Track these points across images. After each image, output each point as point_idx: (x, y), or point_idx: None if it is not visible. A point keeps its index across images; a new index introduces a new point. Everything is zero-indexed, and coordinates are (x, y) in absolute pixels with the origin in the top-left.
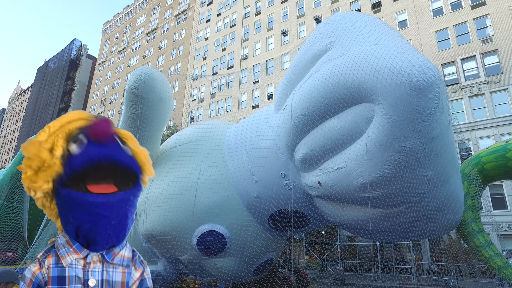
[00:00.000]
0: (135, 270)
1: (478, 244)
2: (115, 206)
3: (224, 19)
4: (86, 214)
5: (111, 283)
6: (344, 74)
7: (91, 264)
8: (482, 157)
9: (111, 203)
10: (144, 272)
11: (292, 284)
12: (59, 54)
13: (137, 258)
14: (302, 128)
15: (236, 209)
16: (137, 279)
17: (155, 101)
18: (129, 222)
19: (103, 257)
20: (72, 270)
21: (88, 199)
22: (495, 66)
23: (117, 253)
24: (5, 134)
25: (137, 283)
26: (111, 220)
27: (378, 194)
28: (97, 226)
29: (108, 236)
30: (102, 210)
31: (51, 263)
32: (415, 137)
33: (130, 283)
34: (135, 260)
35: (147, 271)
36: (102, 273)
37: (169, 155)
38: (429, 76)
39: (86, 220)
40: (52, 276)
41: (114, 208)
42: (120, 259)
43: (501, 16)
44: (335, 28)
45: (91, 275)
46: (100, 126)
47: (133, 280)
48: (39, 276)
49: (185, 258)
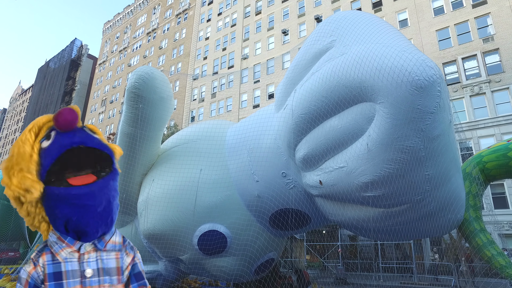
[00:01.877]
0: (126, 256)
1: (480, 243)
2: (97, 193)
3: (225, 18)
4: (72, 207)
5: (107, 270)
6: (345, 73)
7: (85, 255)
8: (483, 156)
9: (93, 192)
10: (135, 257)
11: (293, 283)
12: (60, 54)
13: (127, 244)
14: (303, 127)
15: (237, 208)
16: (129, 264)
17: (156, 100)
18: (114, 207)
19: (96, 245)
20: (68, 265)
21: (71, 192)
22: (496, 65)
23: (109, 240)
24: (6, 134)
25: (129, 268)
26: (96, 208)
27: (379, 194)
28: (84, 216)
29: (97, 224)
30: (86, 200)
31: (46, 261)
32: (416, 136)
33: (123, 268)
34: (126, 245)
35: (138, 256)
36: (97, 262)
37: (170, 154)
38: (431, 75)
39: (73, 213)
40: (48, 273)
41: (97, 196)
42: (112, 245)
43: (502, 15)
44: (336, 27)
45: (87, 265)
46: (64, 116)
47: (125, 265)
48: (34, 276)
49: (186, 257)
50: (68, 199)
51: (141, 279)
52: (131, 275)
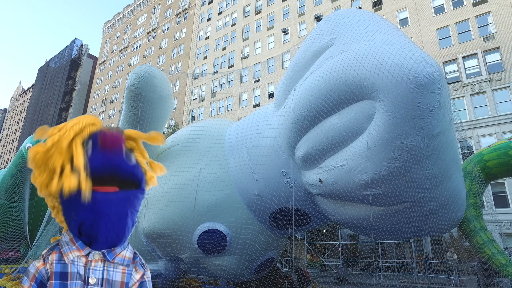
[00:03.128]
0: (135, 272)
1: (480, 241)
2: (115, 204)
3: (225, 18)
4: (88, 211)
5: (111, 282)
6: (345, 71)
7: (92, 263)
8: (484, 154)
9: (111, 201)
10: (145, 274)
11: (293, 282)
12: (60, 54)
13: (138, 260)
14: (302, 126)
15: (237, 207)
16: (137, 281)
17: (155, 99)
18: (128, 221)
19: (105, 256)
20: (74, 267)
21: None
22: (497, 64)
23: (119, 253)
24: (7, 134)
25: (137, 285)
26: (111, 217)
27: (379, 192)
28: (97, 222)
29: (108, 232)
30: (103, 207)
31: (54, 259)
32: (417, 134)
33: (130, 284)
34: (136, 262)
35: (148, 274)
36: (103, 272)
37: (170, 153)
38: (431, 73)
39: (87, 217)
40: (55, 272)
41: (113, 206)
42: (121, 259)
43: (503, 13)
44: (336, 25)
45: (92, 273)
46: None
47: (133, 281)
48: (42, 271)
49: (186, 256)
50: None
51: None
52: None
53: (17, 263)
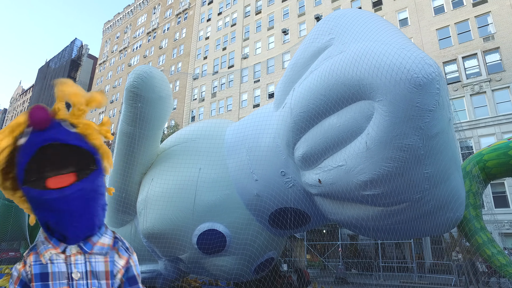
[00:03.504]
0: (119, 258)
1: (480, 241)
2: (71, 198)
3: (225, 18)
4: (47, 210)
5: (95, 274)
6: (344, 71)
7: (72, 257)
8: (484, 154)
9: (66, 197)
10: (130, 258)
11: (293, 283)
12: (60, 54)
13: (120, 245)
14: (301, 126)
15: (236, 207)
16: (122, 267)
17: (155, 99)
18: (95, 208)
19: (82, 248)
20: (55, 266)
21: (43, 196)
22: (497, 64)
23: (96, 242)
24: None
25: (122, 271)
26: (71, 213)
27: (378, 192)
28: (61, 221)
29: (76, 228)
30: (60, 205)
31: (32, 261)
32: (415, 134)
33: (114, 271)
34: (118, 247)
35: (134, 257)
36: (85, 264)
37: (169, 153)
38: (429, 73)
39: (49, 216)
40: (35, 274)
41: (70, 201)
42: (99, 247)
43: (502, 13)
44: (335, 25)
45: (74, 267)
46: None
47: (118, 268)
48: (23, 274)
49: (185, 257)
50: (42, 203)
51: (134, 283)
52: (124, 279)
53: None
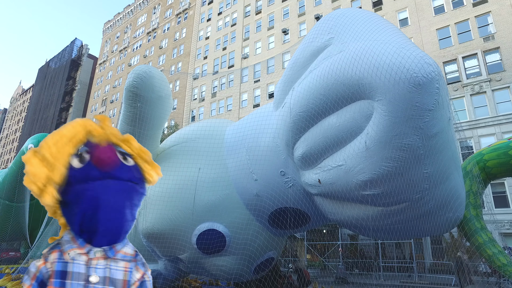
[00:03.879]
0: (136, 271)
1: (481, 241)
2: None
3: (225, 18)
4: (88, 200)
5: (113, 281)
6: (343, 71)
7: (93, 260)
8: (484, 154)
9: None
10: (145, 274)
11: (293, 283)
12: (60, 54)
13: (139, 259)
14: (301, 126)
15: (235, 207)
16: (138, 280)
17: (154, 99)
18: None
19: (106, 252)
20: (75, 266)
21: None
22: (497, 64)
23: (120, 250)
24: (7, 134)
25: (137, 284)
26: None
27: (377, 192)
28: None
29: (108, 221)
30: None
31: (55, 258)
32: (415, 134)
33: (131, 282)
34: (138, 260)
35: (148, 274)
36: (105, 270)
37: (169, 153)
38: (429, 72)
39: (88, 207)
40: (56, 270)
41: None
42: (122, 255)
43: (502, 13)
44: (334, 25)
45: (94, 271)
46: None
47: (134, 280)
48: (43, 270)
49: (185, 257)
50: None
51: None
52: None
53: (17, 263)
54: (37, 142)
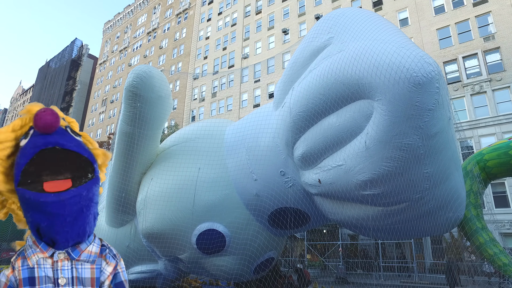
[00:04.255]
0: (106, 265)
1: (481, 241)
2: (67, 203)
3: (225, 18)
4: (41, 213)
5: (81, 280)
6: (343, 70)
7: (59, 263)
8: (484, 154)
9: (62, 201)
10: (118, 265)
11: (293, 282)
12: (60, 54)
13: (107, 253)
14: (301, 126)
15: (235, 207)
16: (110, 273)
17: (154, 99)
18: (87, 217)
19: (69, 254)
20: (41, 270)
21: (40, 199)
22: (497, 64)
23: (84, 249)
24: None
25: (110, 278)
26: (65, 218)
27: (377, 192)
28: (53, 225)
29: (67, 233)
30: (55, 209)
31: (20, 266)
32: (415, 134)
33: (102, 279)
34: (105, 255)
35: (121, 264)
36: (72, 270)
37: (169, 153)
38: (429, 72)
39: (42, 219)
40: (23, 278)
41: (66, 206)
42: (87, 255)
43: (503, 13)
44: (334, 24)
45: (60, 273)
46: (44, 117)
47: (106, 275)
48: (12, 279)
49: (185, 256)
50: (37, 205)
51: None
52: (112, 285)
53: None
54: None
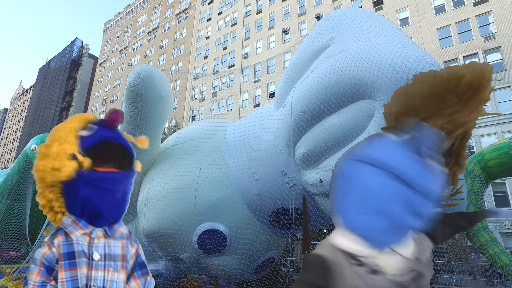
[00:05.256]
0: (131, 246)
1: (482, 241)
2: (119, 181)
3: (225, 17)
4: (94, 189)
5: (113, 256)
6: (344, 70)
7: (95, 240)
8: (485, 154)
9: (115, 178)
10: (138, 248)
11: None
12: (60, 54)
13: (132, 237)
14: (302, 125)
15: (236, 207)
16: (134, 254)
17: (155, 99)
18: (127, 199)
19: (106, 232)
20: (79, 246)
21: (97, 174)
22: (498, 64)
23: (117, 229)
24: (8, 134)
25: (134, 258)
26: (115, 194)
27: None
28: (103, 199)
29: (112, 207)
30: (109, 184)
31: (61, 241)
32: None
33: (128, 257)
34: (131, 237)
35: (140, 247)
36: (105, 247)
37: (170, 153)
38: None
39: (93, 194)
40: (63, 253)
41: (118, 183)
42: (120, 234)
43: (503, 13)
44: (335, 24)
45: (95, 249)
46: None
47: (131, 254)
48: (49, 256)
49: (186, 256)
50: (93, 180)
51: (144, 267)
52: (135, 264)
53: (18, 263)
54: (40, 142)
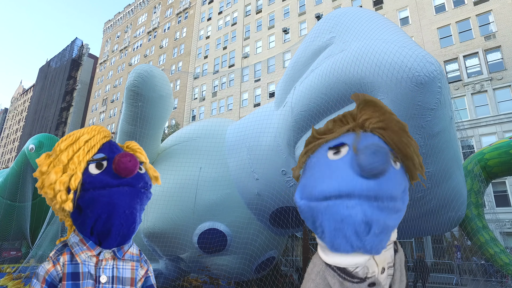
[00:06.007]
0: (141, 268)
1: (482, 240)
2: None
3: (225, 17)
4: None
5: (121, 279)
6: (345, 70)
7: (103, 262)
8: (485, 153)
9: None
10: (148, 270)
11: (294, 282)
12: (60, 54)
13: (143, 257)
14: (302, 125)
15: (237, 207)
16: (142, 276)
17: (155, 98)
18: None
19: (115, 253)
20: (85, 267)
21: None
22: (498, 63)
23: (127, 250)
24: (8, 134)
25: (142, 280)
26: (124, 210)
27: None
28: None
29: (121, 226)
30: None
31: (66, 260)
32: (417, 133)
33: (137, 280)
34: (142, 258)
35: (150, 269)
36: (113, 270)
37: (170, 153)
38: (431, 71)
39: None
40: (67, 273)
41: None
42: (130, 255)
43: (504, 12)
44: (336, 24)
45: (102, 272)
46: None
47: (139, 277)
48: (53, 273)
49: (186, 256)
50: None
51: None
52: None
53: (18, 263)
54: (38, 142)
